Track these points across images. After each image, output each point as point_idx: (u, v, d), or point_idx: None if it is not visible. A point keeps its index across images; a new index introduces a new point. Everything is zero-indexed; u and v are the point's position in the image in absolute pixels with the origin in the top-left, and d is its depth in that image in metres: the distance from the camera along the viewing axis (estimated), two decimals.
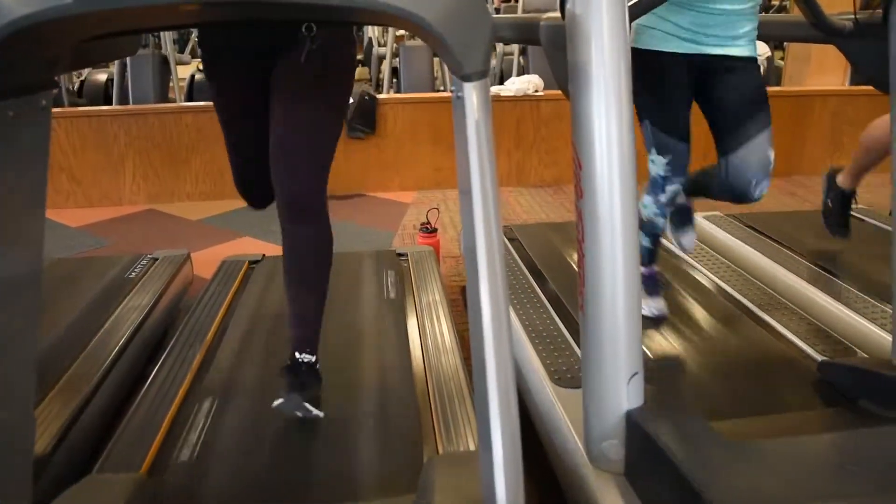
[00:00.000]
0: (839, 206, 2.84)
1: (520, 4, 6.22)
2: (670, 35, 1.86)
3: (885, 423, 1.49)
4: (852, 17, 1.81)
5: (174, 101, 5.17)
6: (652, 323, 2.21)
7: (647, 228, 2.14)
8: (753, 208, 2.16)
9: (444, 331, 2.14)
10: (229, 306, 2.42)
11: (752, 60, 1.93)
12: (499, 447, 1.09)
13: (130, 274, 2.70)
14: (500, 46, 5.98)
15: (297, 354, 1.75)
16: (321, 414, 1.71)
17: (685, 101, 1.94)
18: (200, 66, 1.68)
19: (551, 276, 2.50)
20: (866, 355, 2.01)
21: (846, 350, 2.04)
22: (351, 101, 4.45)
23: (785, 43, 6.13)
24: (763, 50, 5.49)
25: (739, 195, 1.95)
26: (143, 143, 4.42)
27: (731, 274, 2.59)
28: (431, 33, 1.13)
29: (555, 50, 1.54)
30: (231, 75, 1.72)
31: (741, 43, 1.89)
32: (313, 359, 1.77)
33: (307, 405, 1.69)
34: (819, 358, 1.97)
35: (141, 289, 2.56)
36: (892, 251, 1.71)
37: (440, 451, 1.60)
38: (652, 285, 2.28)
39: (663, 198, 2.02)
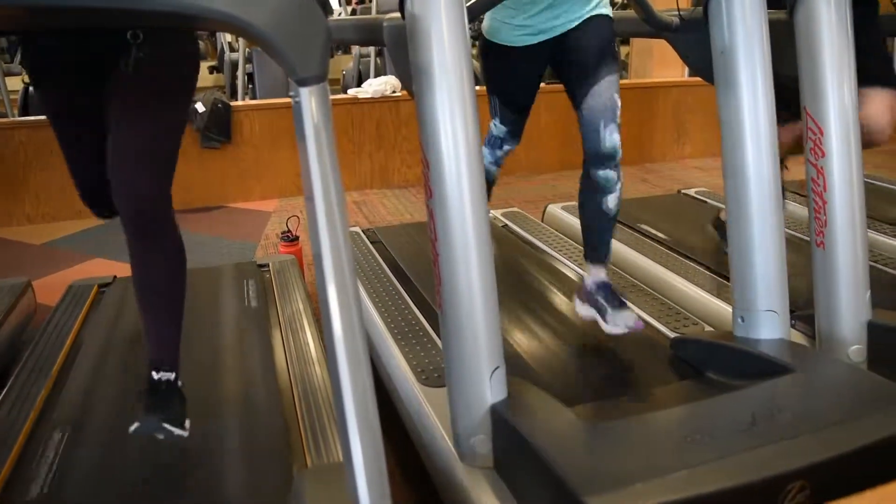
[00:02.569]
0: None
1: (373, 5, 6.21)
2: (523, 30, 1.87)
3: (728, 391, 1.58)
4: (677, 13, 1.92)
5: (5, 115, 4.78)
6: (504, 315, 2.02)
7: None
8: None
9: (308, 340, 2.09)
10: (77, 335, 2.26)
11: (605, 17, 1.92)
12: (359, 455, 1.08)
13: None
14: (356, 49, 5.95)
15: (154, 374, 1.63)
16: (185, 433, 1.58)
17: (532, 84, 2.05)
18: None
19: (415, 276, 2.50)
20: (713, 329, 2.14)
21: (695, 325, 2.16)
22: (203, 109, 4.29)
23: (630, 38, 6.46)
24: None
25: (594, 143, 1.87)
26: None
27: None
28: (262, 39, 1.10)
29: (397, 50, 1.54)
30: (59, 83, 1.60)
31: (593, 5, 1.89)
32: (172, 376, 1.65)
33: (167, 426, 1.55)
34: (671, 335, 2.07)
35: None
36: (728, 230, 1.83)
37: (309, 463, 1.56)
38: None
39: (499, 153, 2.22)
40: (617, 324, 1.94)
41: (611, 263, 2.65)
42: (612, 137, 1.85)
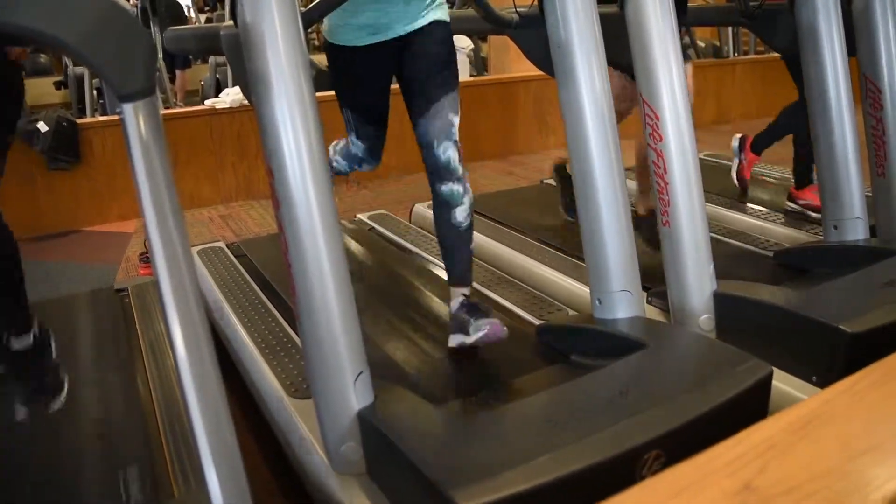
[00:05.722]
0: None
1: (227, 13, 6.04)
2: (360, 28, 1.84)
3: (588, 371, 1.64)
4: (514, 10, 1.97)
5: None
6: (372, 318, 2.18)
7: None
8: (476, 189, 2.07)
9: (172, 364, 2.01)
10: None
11: (441, 23, 1.91)
12: (215, 481, 1.04)
13: None
14: (212, 58, 5.77)
15: (15, 343, 1.99)
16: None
17: (381, 90, 1.98)
18: None
19: (282, 288, 2.45)
20: (577, 313, 2.21)
21: (560, 311, 2.23)
22: (46, 129, 4.02)
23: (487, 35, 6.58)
24: (466, 43, 5.86)
25: (431, 159, 1.88)
26: None
27: None
28: (76, 54, 1.05)
29: (236, 59, 1.50)
30: None
31: (429, 10, 1.88)
32: (31, 337, 2.01)
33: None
34: (537, 322, 2.13)
35: None
36: (579, 218, 1.90)
37: (176, 493, 1.50)
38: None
39: (357, 168, 2.23)
40: (479, 329, 1.84)
41: (476, 258, 2.71)
42: (446, 154, 1.86)
